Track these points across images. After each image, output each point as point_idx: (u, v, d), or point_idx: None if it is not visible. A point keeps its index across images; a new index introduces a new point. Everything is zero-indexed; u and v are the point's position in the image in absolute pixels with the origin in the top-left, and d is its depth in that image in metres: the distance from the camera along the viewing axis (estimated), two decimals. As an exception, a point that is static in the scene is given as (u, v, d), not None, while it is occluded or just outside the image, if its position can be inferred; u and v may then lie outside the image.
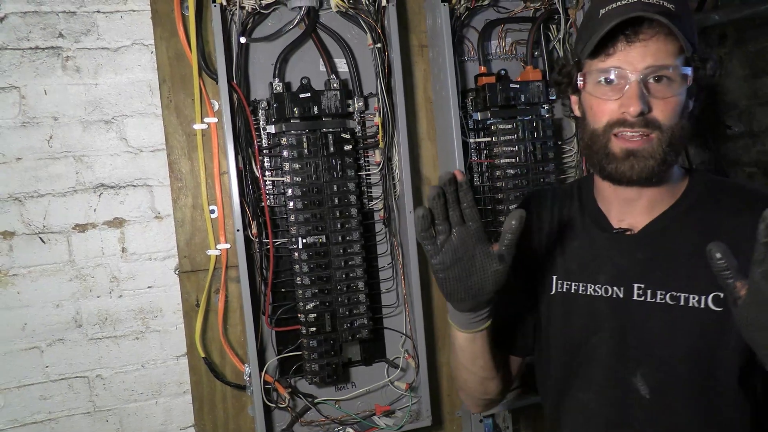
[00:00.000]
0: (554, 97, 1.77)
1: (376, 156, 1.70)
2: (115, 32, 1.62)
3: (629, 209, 1.03)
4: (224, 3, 1.54)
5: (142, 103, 1.64)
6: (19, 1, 1.55)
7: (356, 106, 1.67)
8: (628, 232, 1.03)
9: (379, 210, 1.72)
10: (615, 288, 1.02)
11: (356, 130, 1.68)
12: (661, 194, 1.02)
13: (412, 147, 1.74)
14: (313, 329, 1.61)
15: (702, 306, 0.95)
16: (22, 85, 1.56)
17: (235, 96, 1.56)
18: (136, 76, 1.64)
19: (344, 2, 1.62)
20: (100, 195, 1.62)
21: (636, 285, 1.00)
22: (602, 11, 0.97)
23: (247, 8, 1.58)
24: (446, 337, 1.82)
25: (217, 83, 1.58)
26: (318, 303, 1.60)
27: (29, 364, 1.59)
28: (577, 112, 1.06)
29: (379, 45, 1.64)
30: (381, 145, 1.68)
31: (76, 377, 1.62)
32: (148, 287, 1.66)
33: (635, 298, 1.00)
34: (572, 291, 1.07)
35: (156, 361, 1.67)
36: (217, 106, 1.63)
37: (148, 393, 1.67)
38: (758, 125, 1.89)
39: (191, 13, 1.57)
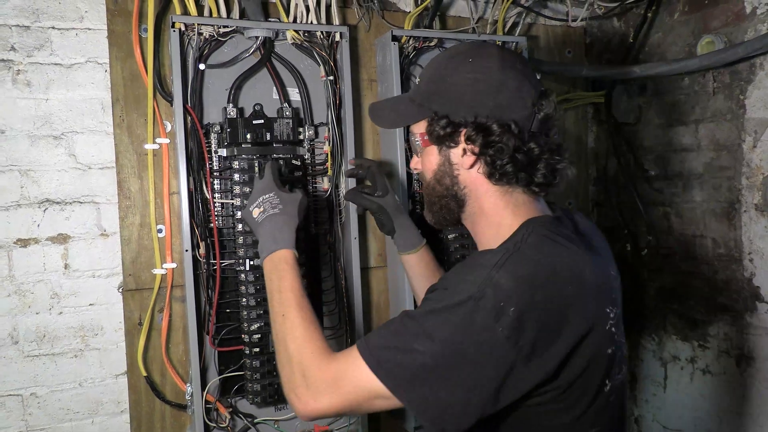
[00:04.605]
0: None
1: (324, 183, 1.76)
2: (69, 49, 1.62)
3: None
4: (183, 28, 1.59)
5: (93, 121, 1.65)
6: (-30, 13, 1.54)
7: (307, 134, 1.73)
8: None
9: (325, 235, 1.79)
10: None
11: (306, 157, 1.74)
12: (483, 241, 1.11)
13: (358, 176, 1.81)
14: (257, 349, 1.63)
15: None
16: (-32, 96, 1.54)
17: (189, 118, 1.59)
18: (88, 93, 1.64)
19: (300, 35, 1.70)
20: (44, 210, 1.61)
21: None
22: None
23: (205, 35, 1.62)
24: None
25: (171, 105, 1.61)
26: (262, 324, 1.63)
27: (-41, 381, 1.54)
28: None
29: (331, 77, 1.72)
30: (329, 172, 1.75)
31: (9, 395, 1.58)
32: (90, 305, 1.65)
33: None
34: None
35: (94, 379, 1.65)
36: (169, 128, 1.66)
37: (85, 412, 1.64)
38: (671, 169, 2.09)
39: (150, 36, 1.59)
